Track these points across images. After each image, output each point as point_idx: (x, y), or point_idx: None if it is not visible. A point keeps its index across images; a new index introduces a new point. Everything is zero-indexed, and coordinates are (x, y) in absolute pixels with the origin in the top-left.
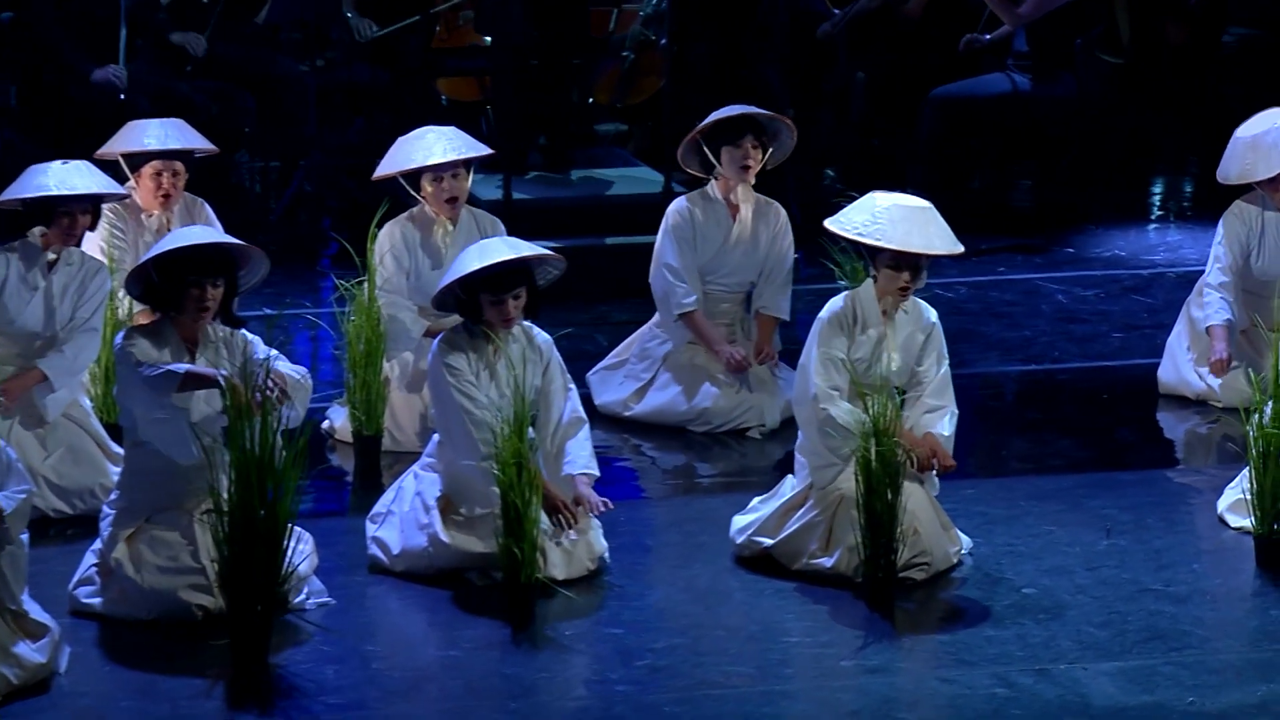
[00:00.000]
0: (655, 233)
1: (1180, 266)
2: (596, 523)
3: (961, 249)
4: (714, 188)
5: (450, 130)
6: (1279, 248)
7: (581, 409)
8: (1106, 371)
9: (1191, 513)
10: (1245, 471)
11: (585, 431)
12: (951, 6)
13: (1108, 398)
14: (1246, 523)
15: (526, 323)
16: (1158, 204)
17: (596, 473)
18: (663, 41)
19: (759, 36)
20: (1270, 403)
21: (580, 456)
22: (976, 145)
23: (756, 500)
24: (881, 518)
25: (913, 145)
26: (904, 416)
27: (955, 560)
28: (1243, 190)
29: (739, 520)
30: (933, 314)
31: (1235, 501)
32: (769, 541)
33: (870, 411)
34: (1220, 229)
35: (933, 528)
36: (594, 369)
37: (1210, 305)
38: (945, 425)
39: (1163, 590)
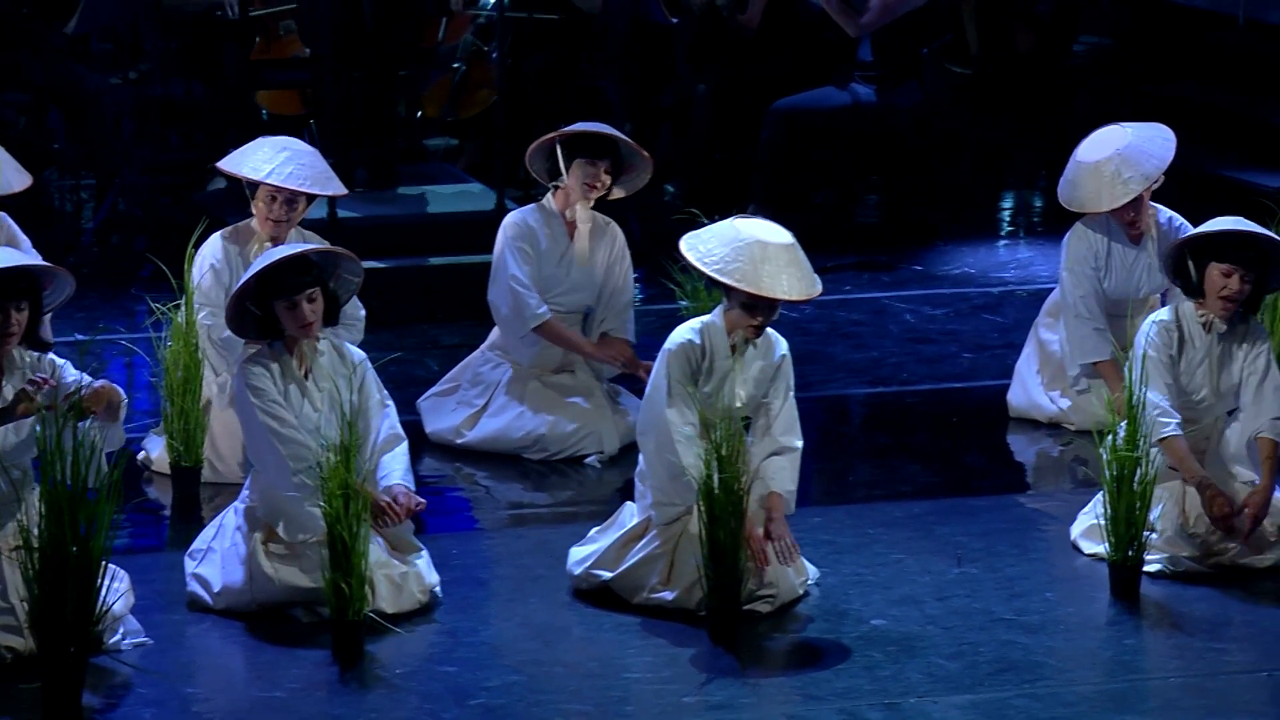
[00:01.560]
0: (487, 251)
1: (1031, 284)
2: (426, 554)
3: (820, 290)
4: (551, 201)
5: (311, 155)
6: (1125, 269)
7: (399, 426)
8: (956, 393)
9: (1044, 539)
10: (1099, 496)
11: (403, 447)
12: (790, 16)
13: (958, 420)
14: (1100, 549)
15: (344, 344)
16: (1008, 219)
17: (412, 487)
18: (495, 53)
19: (596, 48)
20: (1124, 425)
21: (396, 469)
22: (820, 159)
23: (594, 531)
24: (725, 548)
25: (755, 159)
26: (750, 453)
27: (802, 592)
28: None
29: (576, 552)
30: (784, 346)
31: (1089, 527)
32: (608, 574)
33: (713, 440)
34: (1065, 253)
35: (778, 558)
36: (424, 396)
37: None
38: (789, 478)
39: (1015, 620)
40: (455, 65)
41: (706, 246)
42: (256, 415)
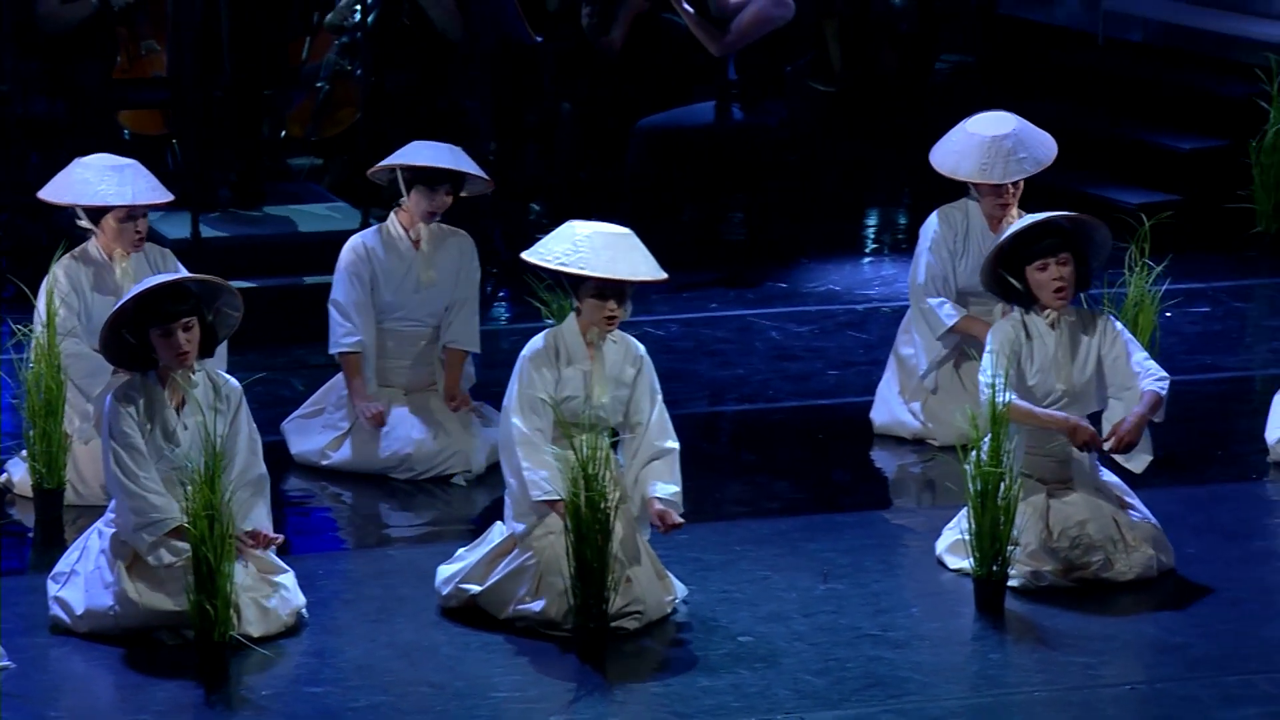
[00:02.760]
0: None
1: (895, 301)
2: (292, 576)
3: (665, 276)
4: (395, 221)
5: (135, 166)
6: (980, 256)
7: (264, 466)
8: (822, 410)
9: (909, 555)
10: (963, 512)
11: (266, 490)
12: (655, 36)
13: (823, 437)
14: (965, 564)
15: (219, 372)
16: (872, 236)
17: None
18: (359, 72)
19: (460, 66)
20: (987, 440)
21: (259, 515)
22: (686, 177)
23: (463, 550)
24: (592, 565)
25: (621, 178)
26: (625, 465)
27: (669, 609)
28: (951, 193)
29: (444, 570)
30: (641, 347)
31: (954, 542)
32: (476, 588)
33: (579, 456)
34: (926, 235)
35: (646, 575)
36: (290, 417)
37: (942, 311)
38: (670, 484)
39: (881, 635)
40: (319, 84)
41: (548, 247)
42: (111, 461)
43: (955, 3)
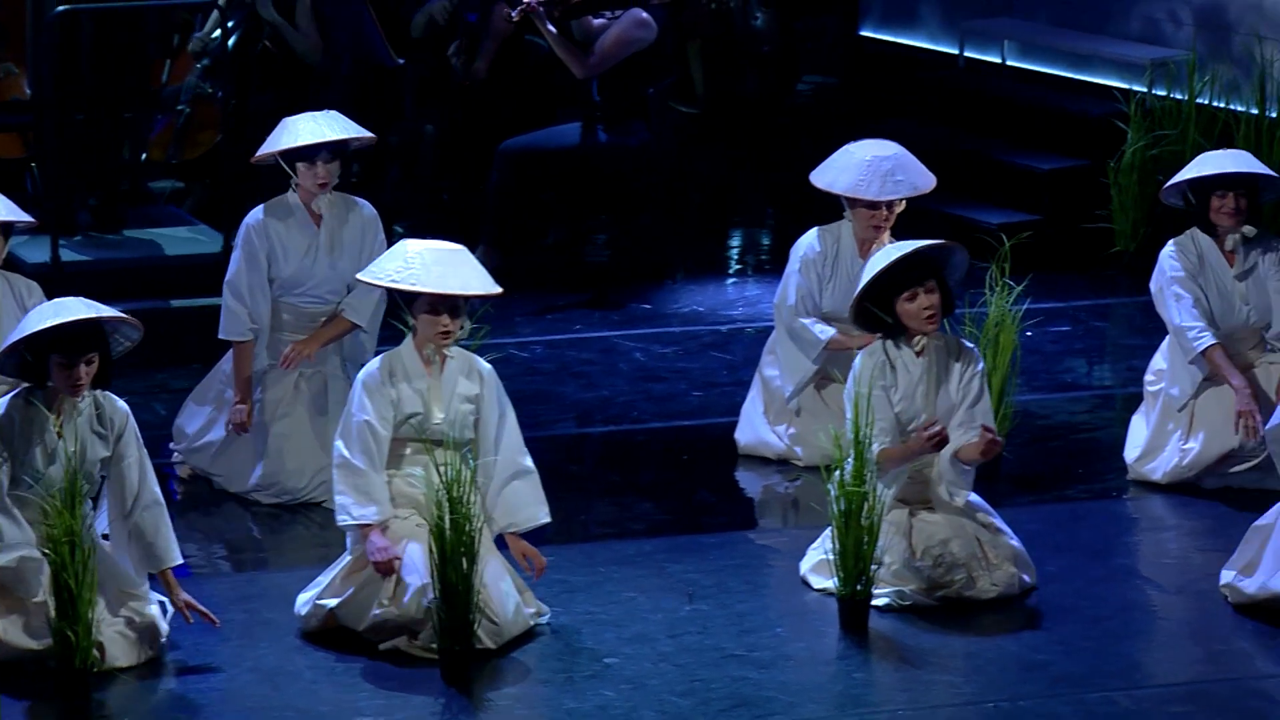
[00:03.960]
0: (216, 294)
1: (759, 321)
2: (157, 604)
3: (498, 290)
4: (294, 195)
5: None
6: (848, 280)
7: (159, 491)
8: (686, 431)
9: (774, 575)
10: (827, 531)
11: (165, 516)
12: (519, 57)
13: (688, 458)
14: (829, 584)
15: (108, 395)
16: (736, 257)
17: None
18: (220, 94)
19: (321, 87)
20: (851, 460)
21: (169, 548)
22: (549, 198)
23: (320, 576)
24: (457, 588)
25: (484, 200)
26: (482, 484)
27: (531, 624)
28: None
29: (303, 595)
30: (485, 365)
31: (818, 562)
32: (334, 601)
33: (443, 477)
34: (796, 256)
35: (500, 591)
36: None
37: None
38: (538, 510)
39: (746, 656)
40: (180, 108)
41: (380, 267)
42: None
43: (817, 24)
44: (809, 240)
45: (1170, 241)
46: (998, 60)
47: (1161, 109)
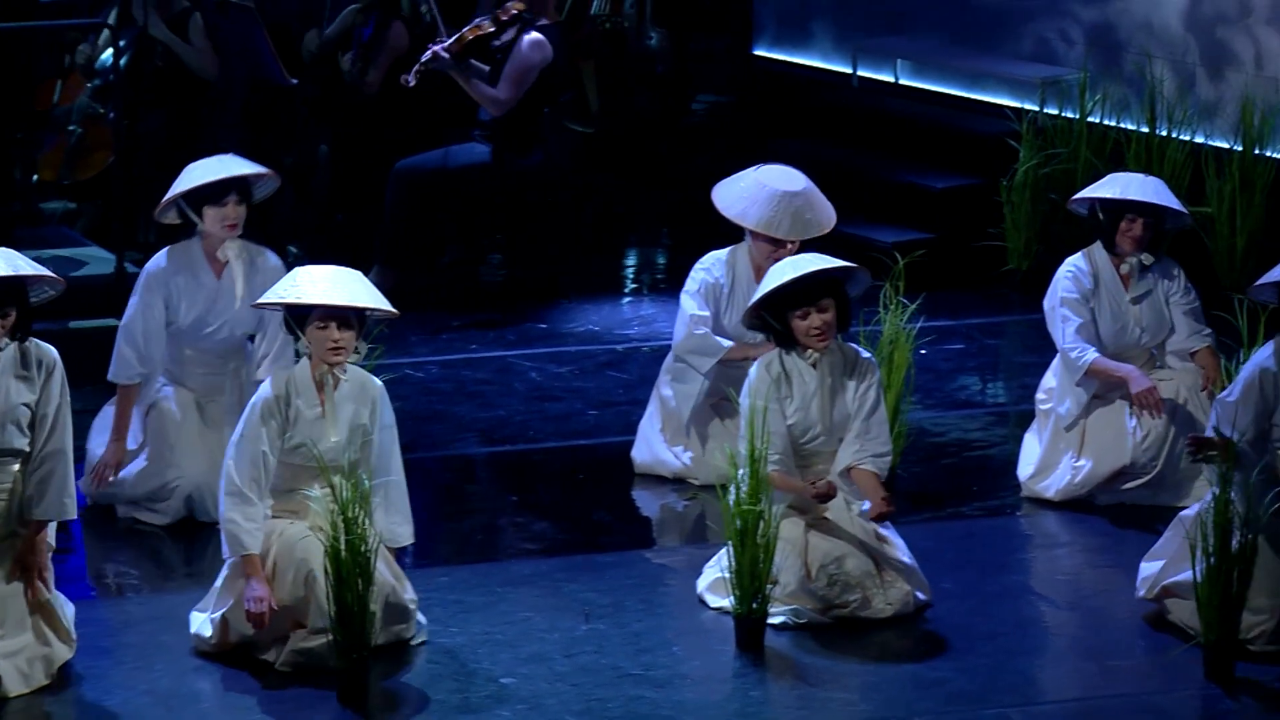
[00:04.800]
0: (107, 315)
1: (655, 340)
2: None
3: (390, 307)
4: (198, 243)
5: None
6: (743, 307)
7: (68, 441)
8: (582, 450)
9: (670, 594)
10: (724, 550)
11: (62, 469)
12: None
13: (584, 478)
14: (725, 602)
15: (34, 341)
16: (631, 276)
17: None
18: (112, 115)
19: (215, 108)
20: (747, 479)
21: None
22: (444, 218)
23: (209, 595)
24: (352, 609)
25: (379, 219)
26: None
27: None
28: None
29: (197, 615)
30: (377, 383)
31: (714, 581)
32: (223, 610)
33: (339, 498)
34: (695, 281)
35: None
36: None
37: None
38: (402, 527)
39: (643, 675)
40: (71, 128)
41: (271, 290)
42: None
43: (711, 44)
44: (706, 264)
45: (1067, 260)
46: (891, 79)
47: (1053, 127)
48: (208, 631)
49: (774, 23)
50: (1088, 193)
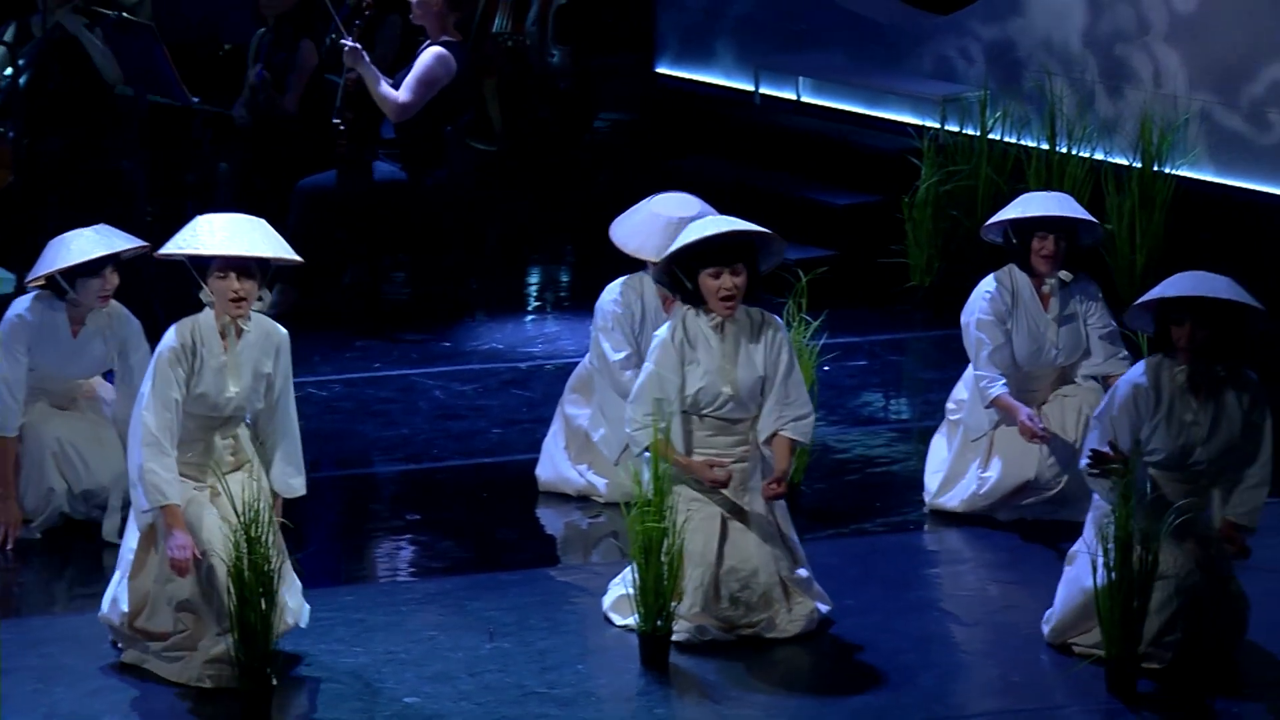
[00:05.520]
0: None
1: (559, 358)
2: None
3: (292, 255)
4: (63, 305)
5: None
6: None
7: None
8: (486, 468)
9: (575, 612)
10: (629, 568)
11: None
12: (320, 97)
13: (488, 496)
14: (630, 620)
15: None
16: (535, 294)
17: None
18: (11, 134)
19: (116, 128)
20: (651, 497)
21: None
22: (347, 237)
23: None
24: (255, 628)
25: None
26: (268, 451)
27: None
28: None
29: (109, 597)
30: (281, 331)
31: (618, 599)
32: (127, 583)
33: (241, 518)
34: (604, 315)
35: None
36: None
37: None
38: (296, 477)
39: (547, 693)
40: None
41: (174, 241)
42: None
43: (613, 61)
44: (612, 295)
45: (989, 277)
46: (793, 97)
47: (954, 144)
48: (124, 600)
49: (676, 41)
50: (997, 218)
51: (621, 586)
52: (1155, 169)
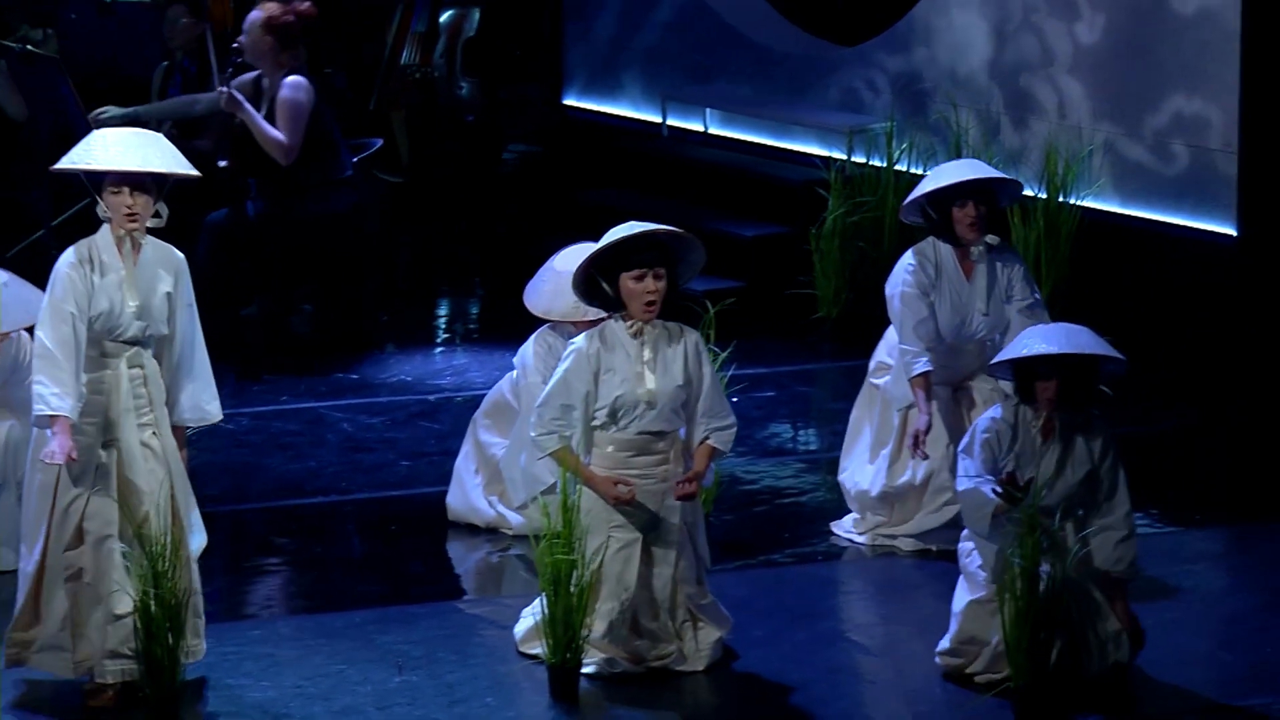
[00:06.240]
0: None
1: (467, 390)
2: None
3: (187, 170)
4: None
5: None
6: None
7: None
8: (395, 501)
9: (485, 644)
10: (538, 600)
11: None
12: (247, 143)
13: (397, 529)
14: (539, 651)
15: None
16: (443, 327)
17: None
18: None
19: (21, 155)
20: (561, 529)
21: None
22: (254, 269)
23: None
24: (162, 663)
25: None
26: (169, 379)
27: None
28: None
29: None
30: (178, 253)
31: (528, 630)
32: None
33: (150, 552)
34: (531, 369)
35: None
36: None
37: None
38: (214, 409)
39: None
40: None
41: (69, 155)
42: None
43: (521, 93)
44: (534, 350)
45: (910, 249)
46: (700, 128)
47: (861, 176)
48: (18, 639)
49: (584, 72)
50: (914, 195)
51: (531, 618)
52: (1060, 199)
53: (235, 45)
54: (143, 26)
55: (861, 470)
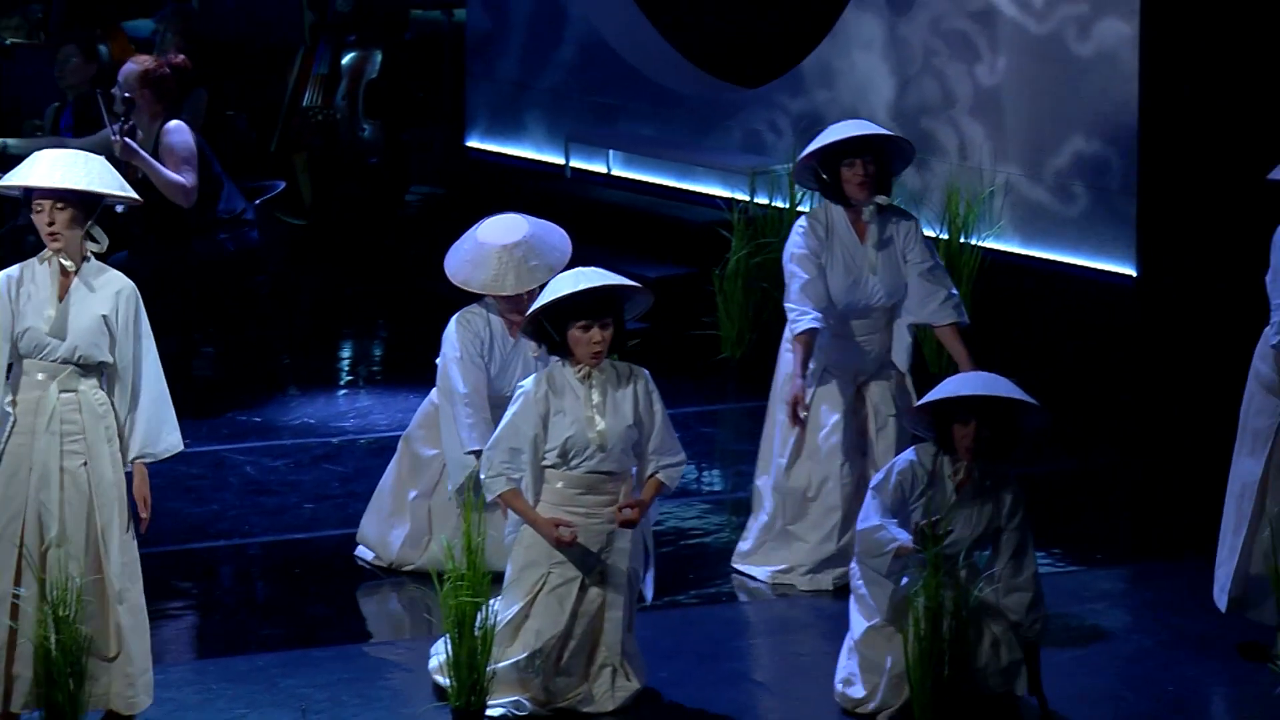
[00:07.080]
0: None
1: (371, 432)
2: None
3: (126, 192)
4: None
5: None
6: (505, 359)
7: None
8: (299, 544)
9: (390, 687)
10: (442, 641)
11: None
12: (143, 189)
13: (300, 572)
14: (444, 684)
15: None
16: (347, 369)
17: None
18: None
19: None
20: (466, 571)
21: None
22: (156, 311)
23: None
24: (64, 709)
25: None
26: (121, 412)
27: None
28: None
29: None
30: (125, 280)
31: (443, 662)
32: None
33: (49, 597)
34: (452, 343)
35: None
36: None
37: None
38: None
39: None
40: None
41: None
42: None
43: (425, 134)
44: (459, 326)
45: (803, 215)
46: (603, 169)
47: (763, 217)
48: None
49: (487, 114)
50: (802, 156)
51: (438, 659)
52: (962, 240)
53: (125, 96)
54: (42, 67)
55: (769, 466)
